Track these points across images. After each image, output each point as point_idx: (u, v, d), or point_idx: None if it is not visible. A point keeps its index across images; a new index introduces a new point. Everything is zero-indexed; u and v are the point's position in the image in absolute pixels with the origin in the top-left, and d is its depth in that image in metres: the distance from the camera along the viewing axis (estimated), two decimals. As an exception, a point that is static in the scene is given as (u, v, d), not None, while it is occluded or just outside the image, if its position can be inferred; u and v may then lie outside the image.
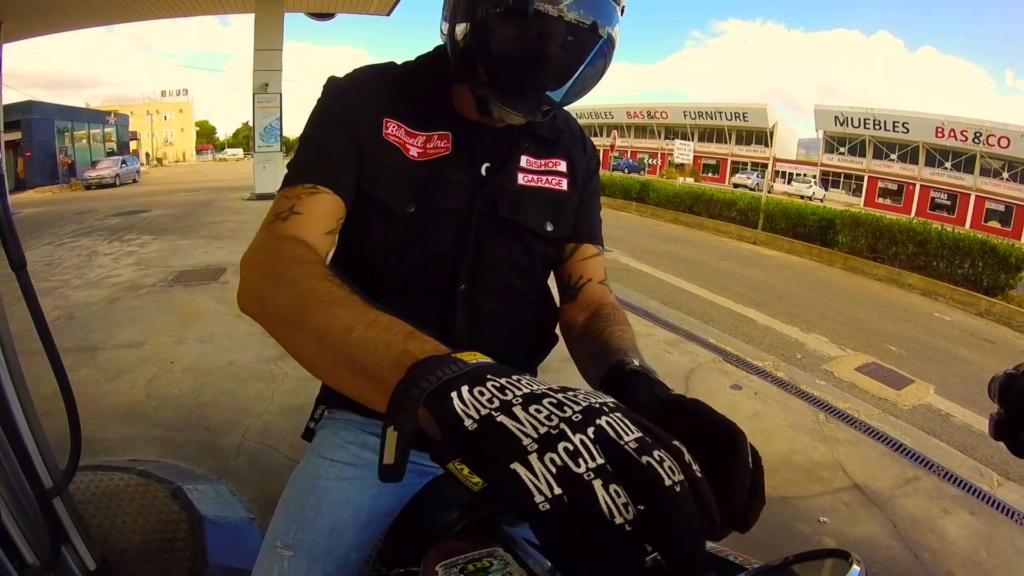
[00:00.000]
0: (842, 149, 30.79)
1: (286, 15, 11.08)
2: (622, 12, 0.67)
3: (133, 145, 33.37)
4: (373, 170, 0.70)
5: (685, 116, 37.11)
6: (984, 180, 25.16)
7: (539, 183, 0.78)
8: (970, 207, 25.49)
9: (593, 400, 0.32)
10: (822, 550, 0.38)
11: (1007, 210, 24.54)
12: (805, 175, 31.69)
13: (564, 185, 0.80)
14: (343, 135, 0.70)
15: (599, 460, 0.28)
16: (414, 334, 0.42)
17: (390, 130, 0.71)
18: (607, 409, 0.31)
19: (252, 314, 0.55)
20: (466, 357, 0.37)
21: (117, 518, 1.72)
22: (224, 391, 2.76)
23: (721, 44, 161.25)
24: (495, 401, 0.32)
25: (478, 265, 0.75)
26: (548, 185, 0.79)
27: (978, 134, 24.71)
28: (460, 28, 0.65)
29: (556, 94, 0.67)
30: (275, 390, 2.76)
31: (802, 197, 22.89)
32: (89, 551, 1.43)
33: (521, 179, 0.77)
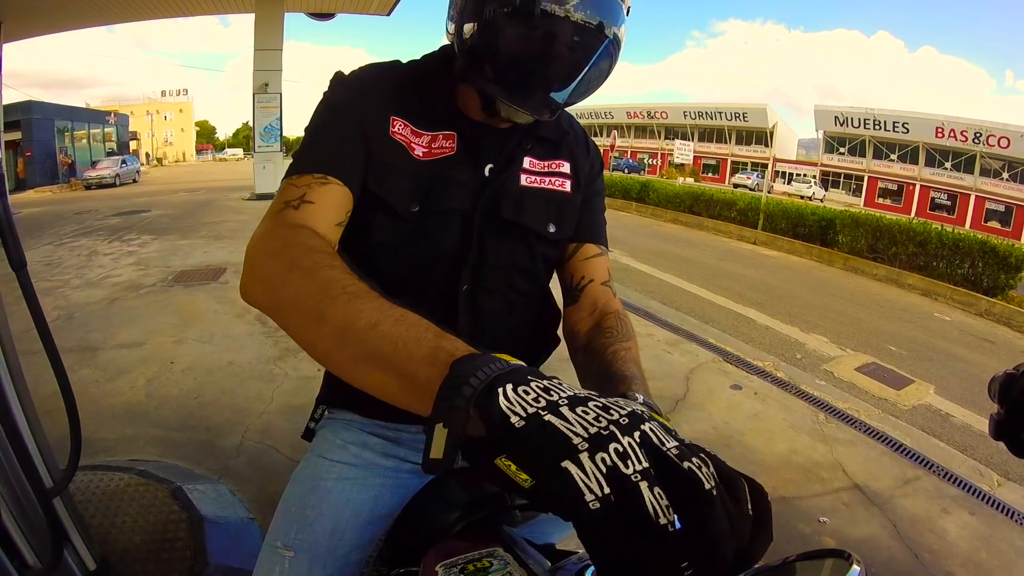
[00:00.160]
0: (842, 149, 30.76)
1: (286, 15, 11.07)
2: (628, 12, 0.67)
3: (133, 145, 33.32)
4: (379, 168, 0.70)
5: (685, 116, 37.07)
6: (984, 180, 25.14)
7: (542, 184, 0.78)
8: (970, 207, 25.48)
9: (635, 407, 0.33)
10: (822, 550, 0.38)
11: (1007, 210, 24.52)
12: (805, 175, 31.65)
13: (567, 186, 0.80)
14: (352, 130, 0.69)
15: (644, 463, 0.29)
16: (442, 332, 0.42)
17: (396, 128, 0.71)
18: (647, 416, 0.33)
19: (258, 302, 0.54)
20: (505, 358, 0.37)
21: (117, 518, 1.72)
22: (224, 391, 2.76)
23: (721, 44, 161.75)
24: (541, 400, 0.33)
25: (481, 265, 0.75)
26: (551, 186, 0.79)
27: (978, 134, 24.69)
28: (468, 27, 0.65)
29: (562, 94, 0.67)
30: (275, 390, 2.76)
31: (802, 197, 22.86)
32: (89, 551, 1.43)
33: (524, 180, 0.77)
